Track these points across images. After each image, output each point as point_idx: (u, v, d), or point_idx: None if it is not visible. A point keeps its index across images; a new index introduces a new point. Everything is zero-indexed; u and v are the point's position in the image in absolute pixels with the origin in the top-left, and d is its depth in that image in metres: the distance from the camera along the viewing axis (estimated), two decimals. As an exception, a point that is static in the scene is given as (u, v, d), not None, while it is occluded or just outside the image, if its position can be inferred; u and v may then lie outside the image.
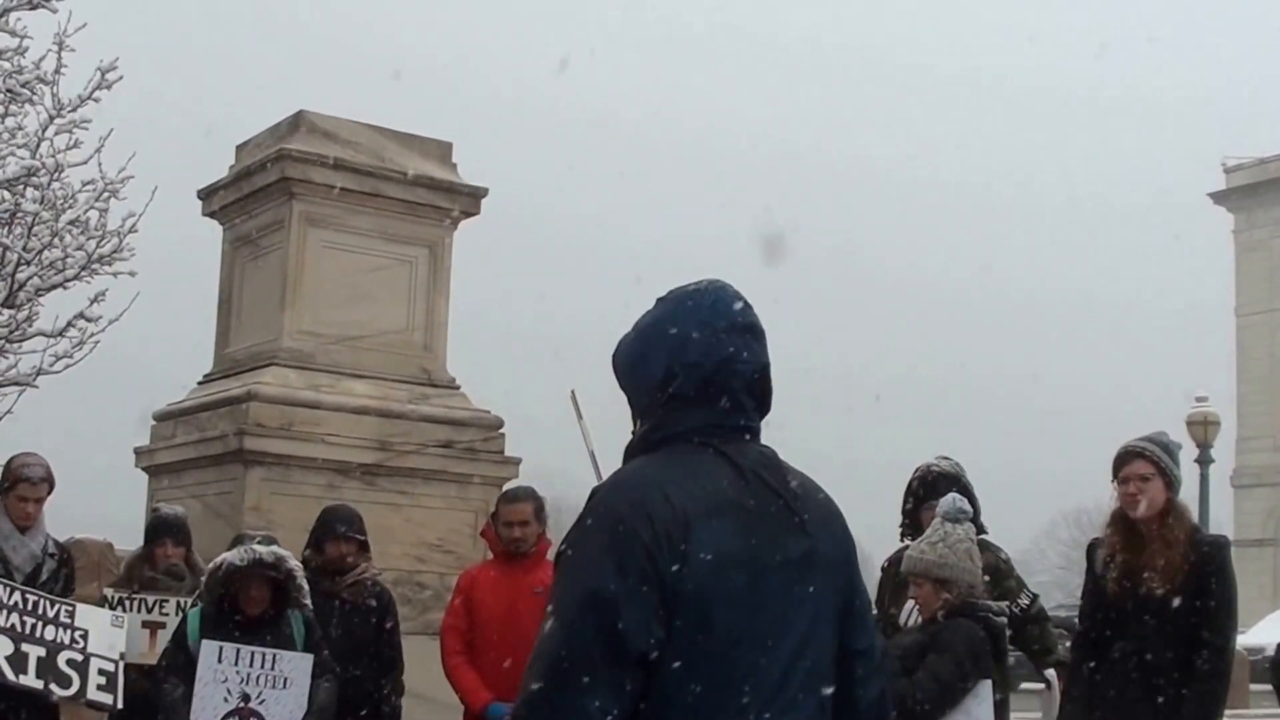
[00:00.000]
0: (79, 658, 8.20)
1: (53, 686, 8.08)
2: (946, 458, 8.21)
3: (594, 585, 3.23)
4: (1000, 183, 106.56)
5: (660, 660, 3.25)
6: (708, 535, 3.31)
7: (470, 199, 15.69)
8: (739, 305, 3.57)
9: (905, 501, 8.16)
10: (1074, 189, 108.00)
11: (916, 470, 8.20)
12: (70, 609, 8.33)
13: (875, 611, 7.82)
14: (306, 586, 8.05)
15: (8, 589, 8.18)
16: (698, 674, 3.28)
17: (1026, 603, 7.85)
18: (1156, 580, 6.95)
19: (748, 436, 3.54)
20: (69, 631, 8.24)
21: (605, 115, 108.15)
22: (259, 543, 8.02)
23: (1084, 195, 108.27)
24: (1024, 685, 9.21)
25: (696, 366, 3.49)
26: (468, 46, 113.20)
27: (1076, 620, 7.65)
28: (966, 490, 7.69)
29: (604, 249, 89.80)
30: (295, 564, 8.04)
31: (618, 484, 3.40)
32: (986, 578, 7.28)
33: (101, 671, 8.26)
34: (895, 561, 7.74)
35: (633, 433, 3.58)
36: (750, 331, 3.57)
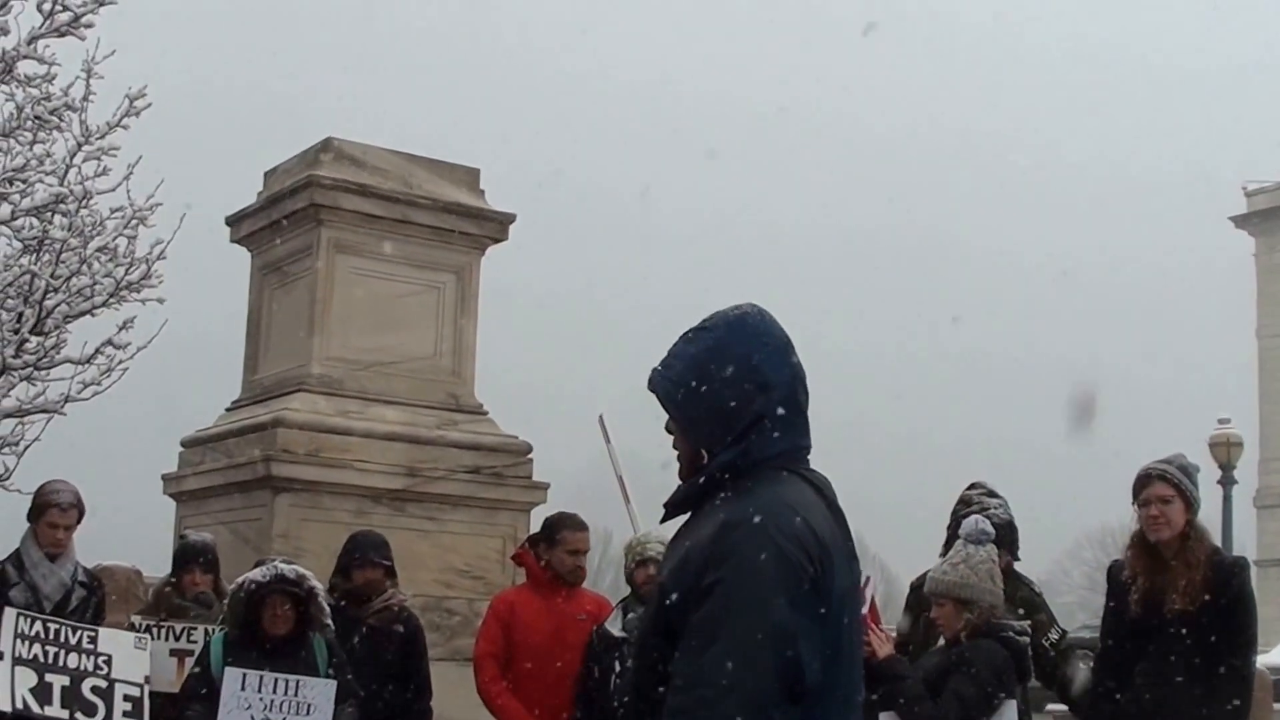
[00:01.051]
0: (104, 684, 8.19)
1: (78, 716, 8.06)
2: (979, 482, 8.18)
3: (776, 620, 3.24)
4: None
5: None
6: (836, 569, 3.38)
7: (498, 225, 15.69)
8: (780, 326, 3.59)
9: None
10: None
11: (962, 494, 8.21)
12: (93, 635, 8.31)
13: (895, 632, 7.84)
14: (328, 608, 8.04)
15: (29, 619, 8.15)
16: (831, 700, 3.36)
17: (1056, 638, 7.81)
18: (1177, 601, 6.98)
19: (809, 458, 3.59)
20: (93, 658, 8.22)
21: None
22: (281, 563, 8.04)
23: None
24: (1049, 706, 9.17)
25: (778, 387, 3.50)
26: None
27: (1099, 641, 7.64)
28: (1004, 520, 7.66)
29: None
30: (317, 584, 8.05)
31: (767, 513, 3.36)
32: (1021, 610, 7.30)
33: (127, 697, 8.25)
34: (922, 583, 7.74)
35: (694, 463, 3.53)
36: (795, 351, 3.60)
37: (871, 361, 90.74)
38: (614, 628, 8.30)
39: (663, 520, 3.67)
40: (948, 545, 8.01)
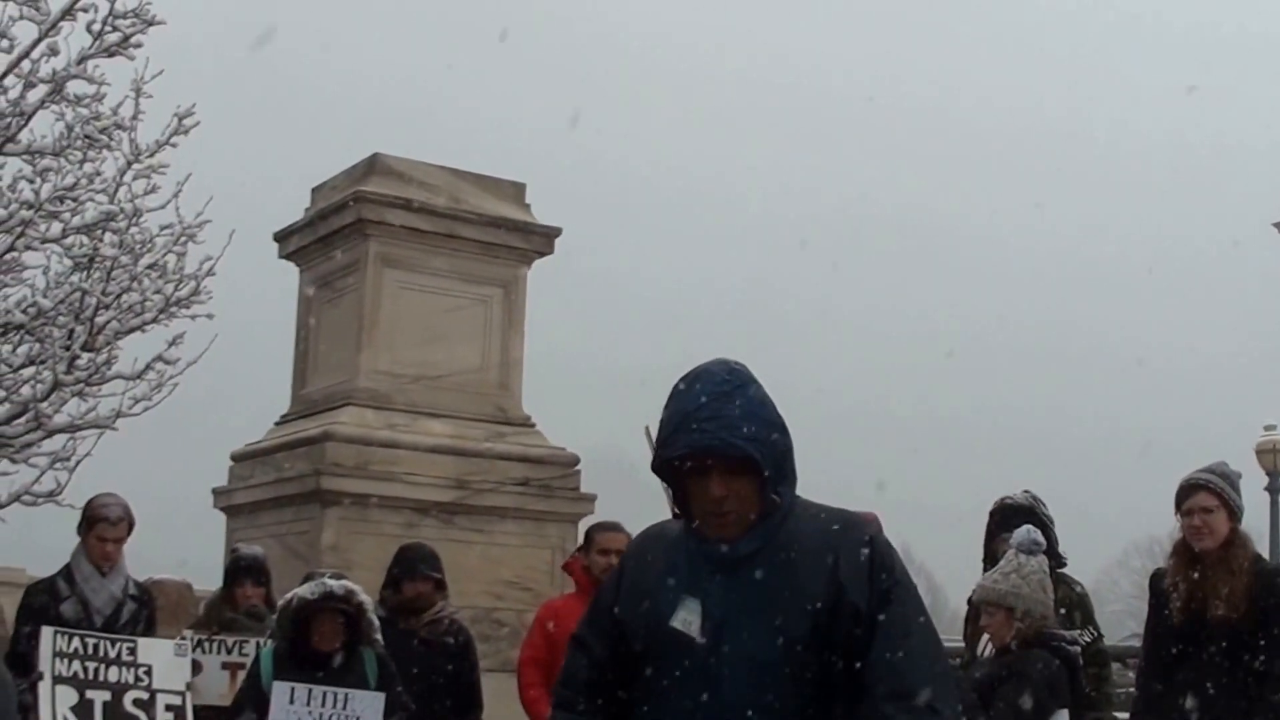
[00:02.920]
0: (145, 696, 8.16)
1: None
2: (1026, 491, 8.18)
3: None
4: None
5: None
6: None
7: (544, 238, 15.75)
8: None
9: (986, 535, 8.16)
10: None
11: (995, 504, 8.20)
12: (132, 646, 8.28)
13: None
14: (377, 622, 8.05)
15: (66, 636, 8.13)
16: None
17: (1088, 640, 7.74)
18: (1220, 609, 6.95)
19: None
20: (133, 670, 8.19)
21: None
22: (330, 577, 8.05)
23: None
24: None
25: None
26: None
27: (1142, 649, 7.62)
28: (1043, 523, 7.67)
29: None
30: (366, 598, 8.05)
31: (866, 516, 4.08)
32: (1062, 610, 7.27)
33: (169, 707, 8.23)
34: None
35: (774, 494, 3.86)
36: None
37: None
38: None
39: None
40: (988, 553, 8.02)
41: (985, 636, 7.23)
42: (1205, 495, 7.11)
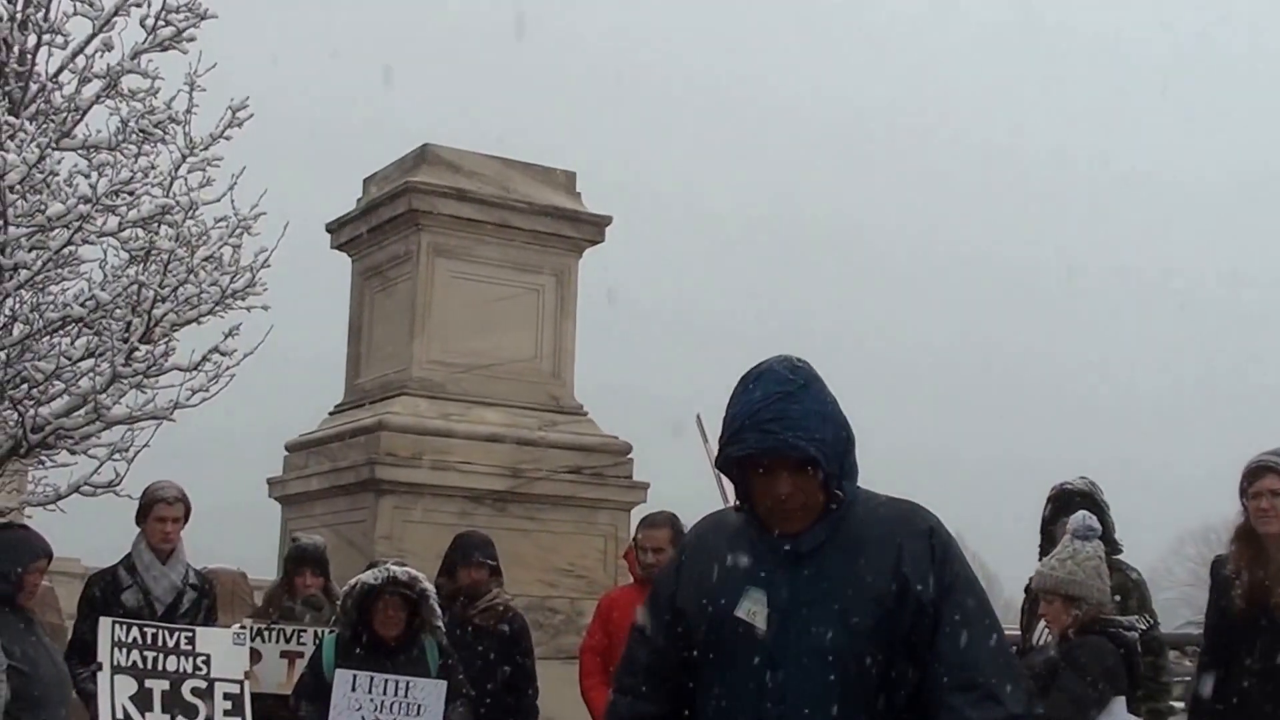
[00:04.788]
0: (203, 685, 8.19)
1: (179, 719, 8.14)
2: (1084, 477, 8.16)
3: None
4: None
5: None
6: None
7: (595, 227, 15.80)
8: None
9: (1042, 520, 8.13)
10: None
11: (1053, 488, 8.17)
12: (190, 635, 8.32)
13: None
14: (439, 610, 8.10)
15: (124, 626, 8.18)
16: None
17: (1144, 627, 7.68)
18: None
19: None
20: (191, 659, 8.23)
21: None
22: (393, 564, 8.12)
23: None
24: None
25: None
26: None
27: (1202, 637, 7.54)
28: (1099, 509, 7.63)
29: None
30: (429, 586, 8.10)
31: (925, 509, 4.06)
32: (1118, 597, 7.22)
33: (227, 695, 8.26)
34: None
35: (837, 488, 3.91)
36: None
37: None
38: None
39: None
40: (1042, 541, 7.99)
41: (1041, 624, 7.21)
42: (1273, 477, 6.98)
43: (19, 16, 12.61)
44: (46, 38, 12.59)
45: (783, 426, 3.83)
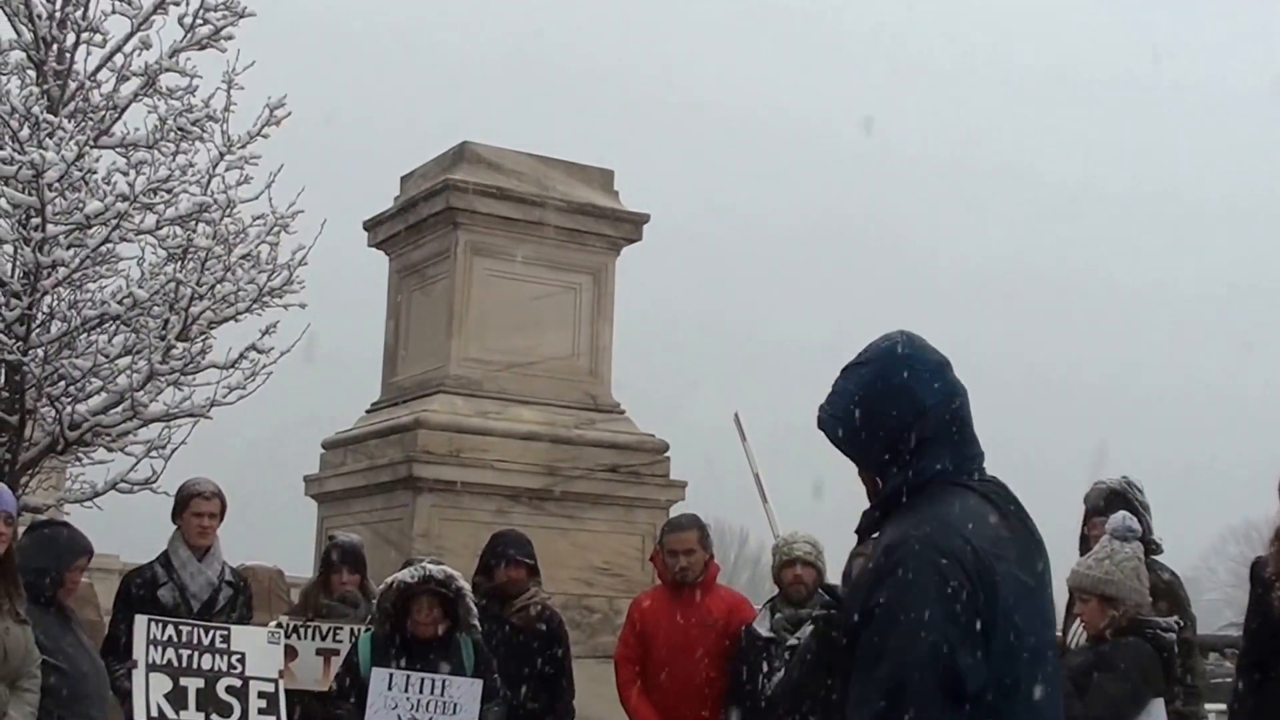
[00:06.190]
0: (238, 683, 8.18)
1: (213, 718, 8.06)
2: (1124, 477, 8.10)
3: (934, 640, 3.32)
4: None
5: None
6: (1004, 579, 3.44)
7: (632, 225, 15.77)
8: (933, 347, 3.74)
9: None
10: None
11: (1091, 488, 8.12)
12: (225, 633, 8.30)
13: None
14: (475, 609, 8.08)
15: (160, 624, 8.16)
16: (1010, 702, 3.42)
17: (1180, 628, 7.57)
18: None
19: (983, 466, 3.71)
20: (226, 658, 8.21)
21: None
22: (429, 563, 8.10)
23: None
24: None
25: (937, 409, 3.63)
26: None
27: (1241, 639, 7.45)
28: (1138, 509, 7.57)
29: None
30: (465, 584, 8.08)
31: (922, 533, 3.46)
32: (1150, 598, 7.15)
33: (261, 694, 8.24)
34: None
35: (874, 490, 3.67)
36: (952, 368, 3.73)
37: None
38: (762, 627, 8.26)
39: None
40: (1083, 537, 7.93)
41: (1078, 624, 7.16)
42: None
43: (58, 15, 12.68)
44: (85, 36, 12.66)
45: (826, 400, 3.72)
